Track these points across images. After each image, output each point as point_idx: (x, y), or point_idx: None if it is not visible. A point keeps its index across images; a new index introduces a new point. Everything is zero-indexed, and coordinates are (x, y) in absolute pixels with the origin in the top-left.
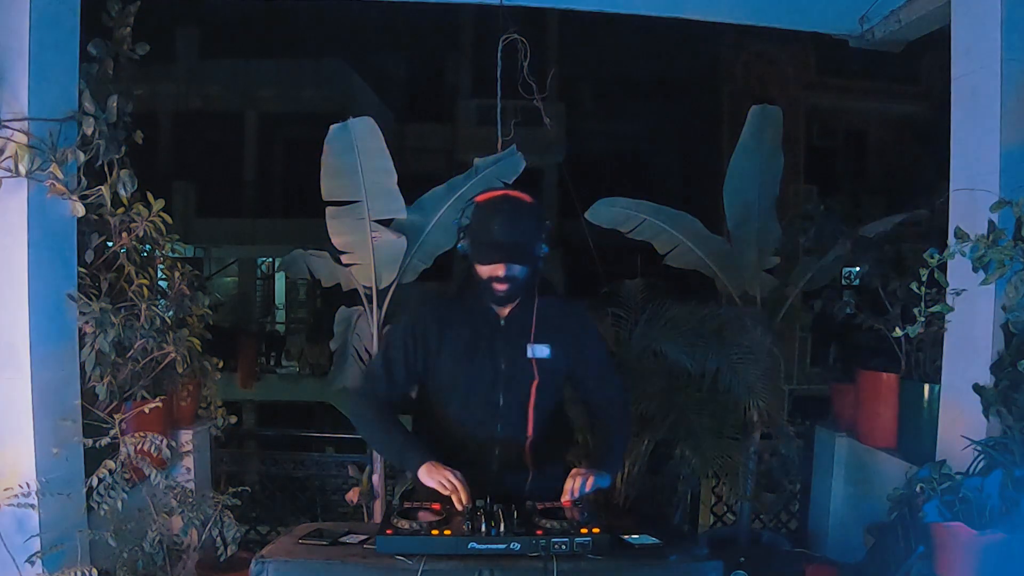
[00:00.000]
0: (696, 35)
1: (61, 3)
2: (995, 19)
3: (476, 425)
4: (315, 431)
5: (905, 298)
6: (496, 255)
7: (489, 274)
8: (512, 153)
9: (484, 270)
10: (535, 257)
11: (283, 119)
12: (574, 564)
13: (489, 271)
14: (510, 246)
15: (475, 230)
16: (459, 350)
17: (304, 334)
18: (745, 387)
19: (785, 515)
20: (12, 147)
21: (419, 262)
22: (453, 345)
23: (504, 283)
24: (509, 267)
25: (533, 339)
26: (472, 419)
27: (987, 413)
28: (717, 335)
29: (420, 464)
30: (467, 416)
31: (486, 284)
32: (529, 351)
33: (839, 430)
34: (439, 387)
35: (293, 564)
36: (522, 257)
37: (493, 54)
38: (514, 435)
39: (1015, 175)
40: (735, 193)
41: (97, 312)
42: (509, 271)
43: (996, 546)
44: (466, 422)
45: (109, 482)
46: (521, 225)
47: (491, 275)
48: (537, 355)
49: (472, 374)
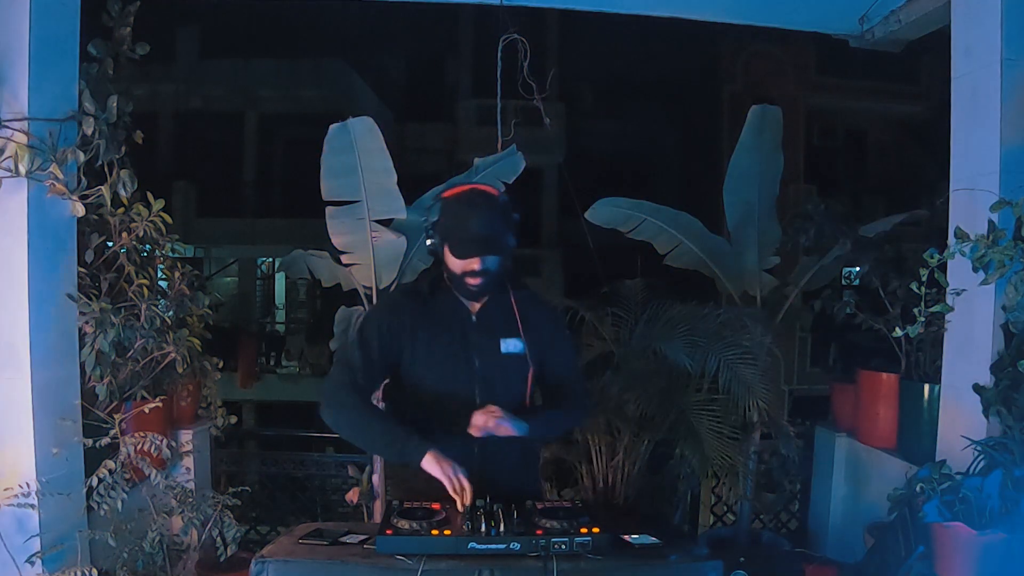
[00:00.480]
0: (696, 35)
1: (61, 3)
2: (995, 19)
3: (450, 420)
4: (315, 431)
5: (905, 298)
6: (472, 249)
7: (463, 268)
8: (512, 153)
9: (458, 264)
10: (508, 249)
11: (283, 119)
12: (574, 564)
13: (463, 265)
14: (485, 239)
15: (448, 225)
16: (431, 346)
17: (304, 334)
18: (745, 387)
19: (785, 515)
20: (12, 147)
21: (419, 262)
22: (425, 342)
23: (478, 277)
24: (483, 260)
25: (505, 333)
26: (446, 414)
27: (987, 413)
28: (717, 335)
29: (423, 453)
30: (441, 411)
31: (459, 279)
32: (502, 346)
33: (839, 430)
34: (411, 384)
35: (293, 564)
36: (497, 249)
37: (493, 54)
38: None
39: (1015, 175)
40: (735, 193)
41: (97, 312)
42: (483, 264)
43: (996, 546)
44: (440, 417)
45: (109, 482)
46: (493, 218)
47: (465, 269)
48: (510, 349)
49: (445, 370)
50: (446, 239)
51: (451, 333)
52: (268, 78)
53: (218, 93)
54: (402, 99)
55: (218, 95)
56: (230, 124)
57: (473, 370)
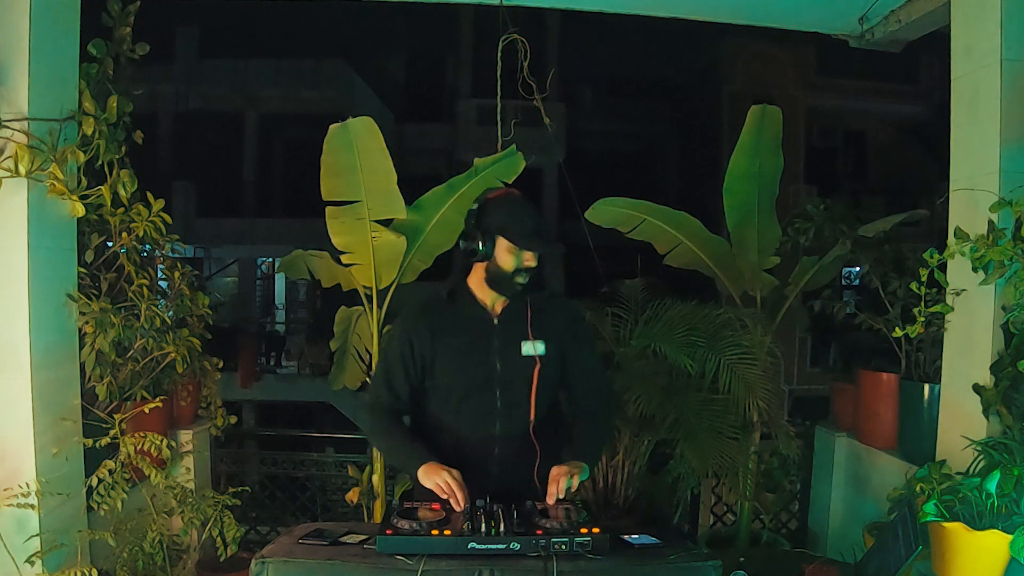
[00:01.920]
0: (696, 35)
1: (61, 3)
2: (995, 19)
3: (475, 425)
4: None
5: (905, 298)
6: (535, 242)
7: (519, 265)
8: (512, 153)
9: (510, 261)
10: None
11: (283, 119)
12: (574, 564)
13: (518, 262)
14: (545, 233)
15: (503, 223)
16: (455, 353)
17: (304, 334)
18: (745, 387)
19: (785, 515)
20: (12, 147)
21: (419, 262)
22: (449, 349)
23: (529, 273)
24: (537, 256)
25: (528, 337)
26: (470, 419)
27: (987, 413)
28: (717, 335)
29: (419, 466)
30: (465, 416)
31: (507, 278)
32: (524, 349)
33: (839, 430)
34: (436, 390)
35: (293, 564)
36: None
37: (493, 54)
38: (513, 433)
39: (1015, 175)
40: (735, 193)
41: (97, 312)
42: (538, 260)
43: (996, 546)
44: (464, 422)
45: (109, 482)
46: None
47: (521, 266)
48: (532, 352)
49: (469, 375)
50: (503, 234)
51: (473, 338)
52: (268, 78)
53: (218, 93)
54: (402, 99)
55: (218, 95)
56: (230, 124)
57: (495, 374)
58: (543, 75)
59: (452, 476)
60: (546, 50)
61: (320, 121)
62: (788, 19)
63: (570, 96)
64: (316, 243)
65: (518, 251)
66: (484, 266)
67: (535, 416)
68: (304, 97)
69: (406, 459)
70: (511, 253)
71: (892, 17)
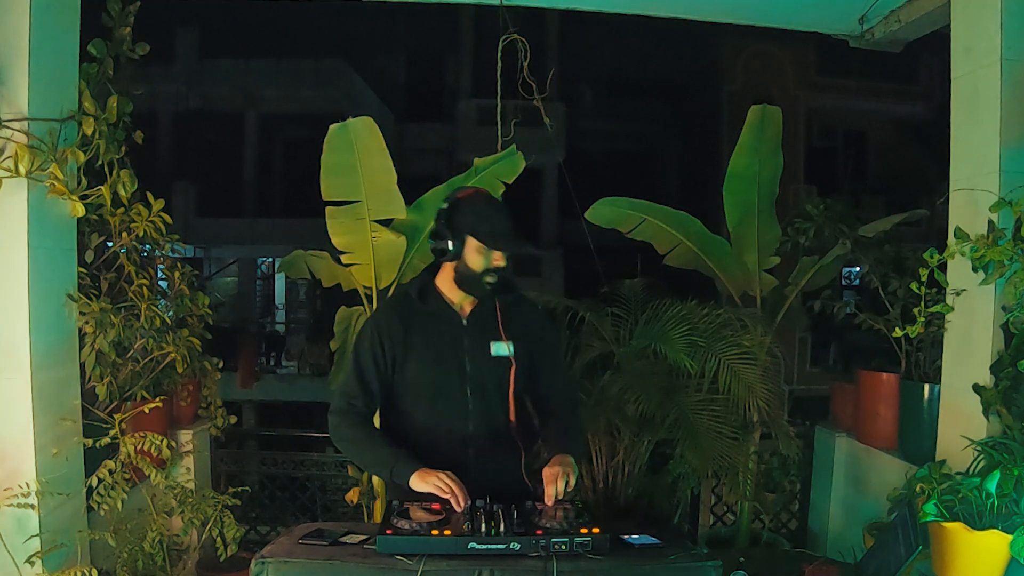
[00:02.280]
0: (696, 35)
1: (61, 3)
2: (995, 19)
3: (446, 425)
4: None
5: (905, 298)
6: (504, 242)
7: (488, 265)
8: (512, 153)
9: (479, 262)
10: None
11: (283, 119)
12: (574, 564)
13: (487, 262)
14: (515, 233)
15: (473, 222)
16: (424, 352)
17: (304, 334)
18: (745, 387)
19: (785, 515)
20: (12, 147)
21: (419, 262)
22: (418, 348)
23: (498, 273)
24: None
25: (496, 337)
26: (441, 419)
27: (987, 413)
28: (717, 335)
29: (411, 473)
30: (436, 417)
31: (475, 278)
32: (496, 349)
33: (839, 430)
34: (407, 390)
35: (293, 564)
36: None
37: (493, 54)
38: (485, 433)
39: (1015, 175)
40: (735, 193)
41: (97, 312)
42: (506, 259)
43: (995, 546)
44: (436, 423)
45: (109, 482)
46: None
47: (490, 266)
48: (505, 352)
49: (438, 375)
50: (473, 234)
51: (442, 338)
52: (268, 78)
53: (218, 93)
54: (402, 99)
55: (218, 95)
56: (230, 124)
57: (465, 374)
58: (543, 75)
59: (450, 476)
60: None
61: (320, 121)
62: (788, 19)
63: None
64: (316, 243)
65: (487, 251)
66: (453, 266)
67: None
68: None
69: (395, 468)
70: (480, 253)
71: (892, 17)
